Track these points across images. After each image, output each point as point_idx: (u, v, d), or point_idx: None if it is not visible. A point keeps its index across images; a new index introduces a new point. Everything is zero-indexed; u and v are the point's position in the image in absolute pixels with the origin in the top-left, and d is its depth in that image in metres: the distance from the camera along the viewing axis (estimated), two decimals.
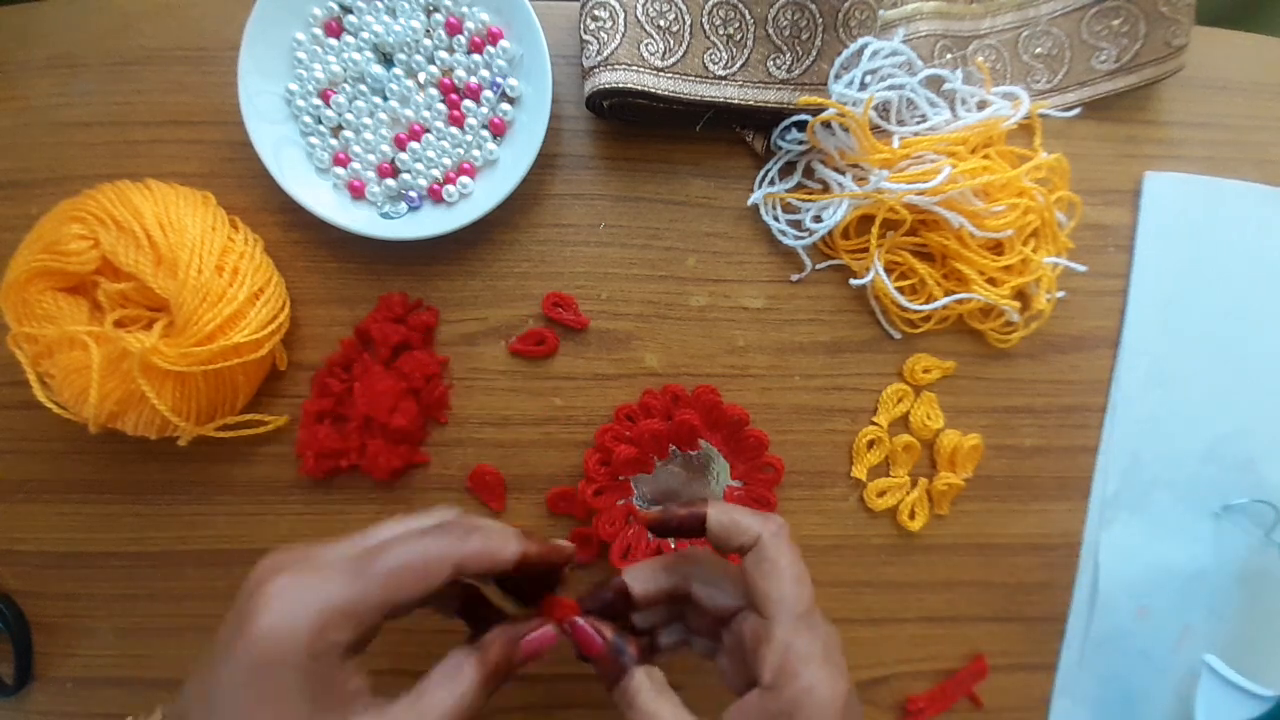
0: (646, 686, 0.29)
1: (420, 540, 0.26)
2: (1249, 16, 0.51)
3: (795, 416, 0.43)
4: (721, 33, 0.40)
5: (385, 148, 0.40)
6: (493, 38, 0.40)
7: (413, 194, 0.40)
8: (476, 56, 0.40)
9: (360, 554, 0.25)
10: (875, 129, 0.40)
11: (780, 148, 0.42)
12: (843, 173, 0.42)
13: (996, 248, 0.42)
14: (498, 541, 0.28)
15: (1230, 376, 0.45)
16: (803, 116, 0.40)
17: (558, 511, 0.42)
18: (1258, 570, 0.44)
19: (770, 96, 0.41)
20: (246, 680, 0.23)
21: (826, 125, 0.40)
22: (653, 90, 0.39)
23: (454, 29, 0.40)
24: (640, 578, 0.32)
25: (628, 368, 0.42)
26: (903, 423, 0.44)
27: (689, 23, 0.40)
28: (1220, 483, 0.44)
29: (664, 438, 0.40)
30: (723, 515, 0.30)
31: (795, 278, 0.43)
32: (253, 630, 0.23)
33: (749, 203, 0.42)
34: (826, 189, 0.42)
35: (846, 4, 0.39)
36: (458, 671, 0.26)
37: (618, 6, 0.39)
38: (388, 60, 0.40)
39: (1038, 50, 0.44)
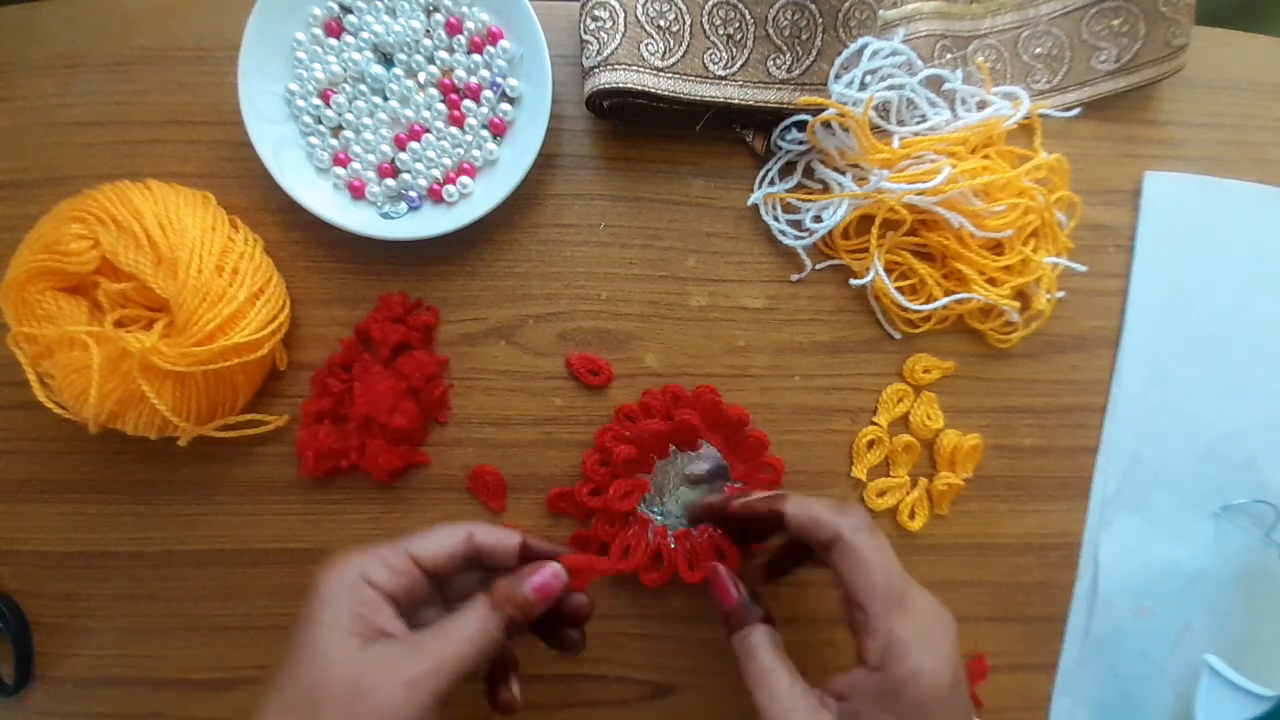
0: (767, 644, 0.32)
1: (443, 522, 0.33)
2: (1249, 16, 0.51)
3: (795, 416, 0.43)
4: (721, 33, 0.40)
5: (385, 148, 0.40)
6: (493, 38, 0.40)
7: (413, 194, 0.40)
8: (476, 56, 0.40)
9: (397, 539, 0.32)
10: (875, 129, 0.40)
11: (780, 148, 0.42)
12: (843, 173, 0.42)
13: (996, 248, 0.42)
14: (504, 530, 0.33)
15: (1230, 376, 0.45)
16: (803, 116, 0.40)
17: (557, 511, 0.42)
18: (1258, 570, 0.44)
19: (770, 96, 0.41)
20: (306, 615, 0.29)
21: (826, 125, 0.40)
22: (653, 90, 0.39)
23: (454, 29, 0.40)
24: (799, 507, 0.34)
25: (628, 368, 0.42)
26: (903, 423, 0.44)
27: (689, 23, 0.40)
28: (1220, 483, 0.44)
29: (664, 438, 0.40)
30: (800, 511, 0.33)
31: (795, 278, 0.43)
32: (310, 592, 0.29)
33: (749, 203, 0.42)
34: (826, 189, 0.42)
35: (846, 4, 0.39)
36: (470, 611, 0.30)
37: (618, 6, 0.39)
38: (388, 60, 0.40)
39: (1038, 50, 0.44)
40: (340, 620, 0.28)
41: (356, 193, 0.41)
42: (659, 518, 0.41)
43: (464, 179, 0.40)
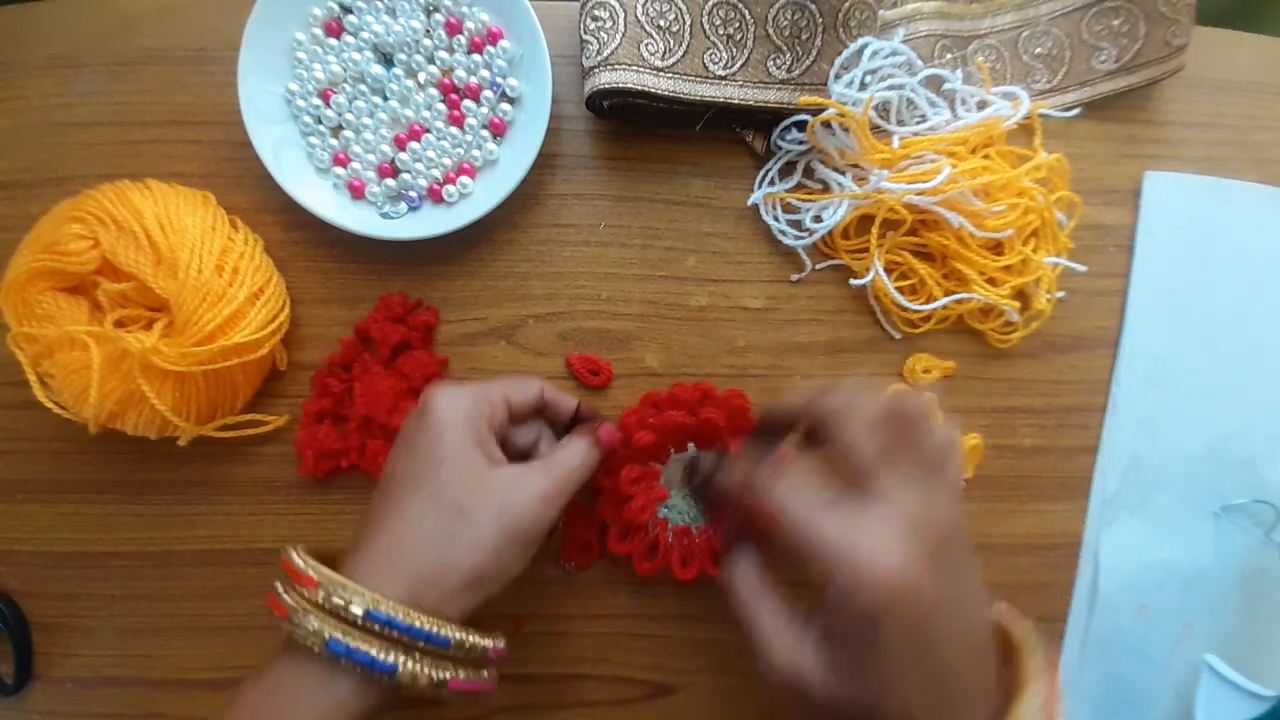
0: (753, 572, 0.31)
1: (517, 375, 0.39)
2: (1249, 16, 0.51)
3: None
4: (721, 33, 0.40)
5: (385, 148, 0.40)
6: (493, 38, 0.40)
7: (413, 194, 0.40)
8: (476, 56, 0.40)
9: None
10: (875, 129, 0.40)
11: (780, 148, 0.42)
12: (843, 173, 0.42)
13: (996, 248, 0.42)
14: (564, 395, 0.38)
15: (1230, 376, 0.45)
16: (803, 116, 0.40)
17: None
18: (1258, 570, 0.44)
19: (770, 96, 0.41)
20: (431, 432, 0.32)
21: (826, 125, 0.40)
22: (653, 90, 0.39)
23: (454, 29, 0.40)
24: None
25: (628, 368, 0.42)
26: None
27: (689, 23, 0.40)
28: (1220, 483, 0.44)
29: (686, 433, 0.40)
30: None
31: (795, 278, 0.43)
32: (430, 416, 0.32)
33: (749, 203, 0.42)
34: (826, 189, 0.42)
35: (846, 4, 0.39)
36: (577, 443, 0.35)
37: (618, 6, 0.39)
38: (388, 60, 0.40)
39: (1038, 50, 0.44)
40: (467, 441, 0.31)
41: (356, 193, 0.41)
42: (662, 510, 0.41)
43: (464, 179, 0.40)
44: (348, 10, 0.40)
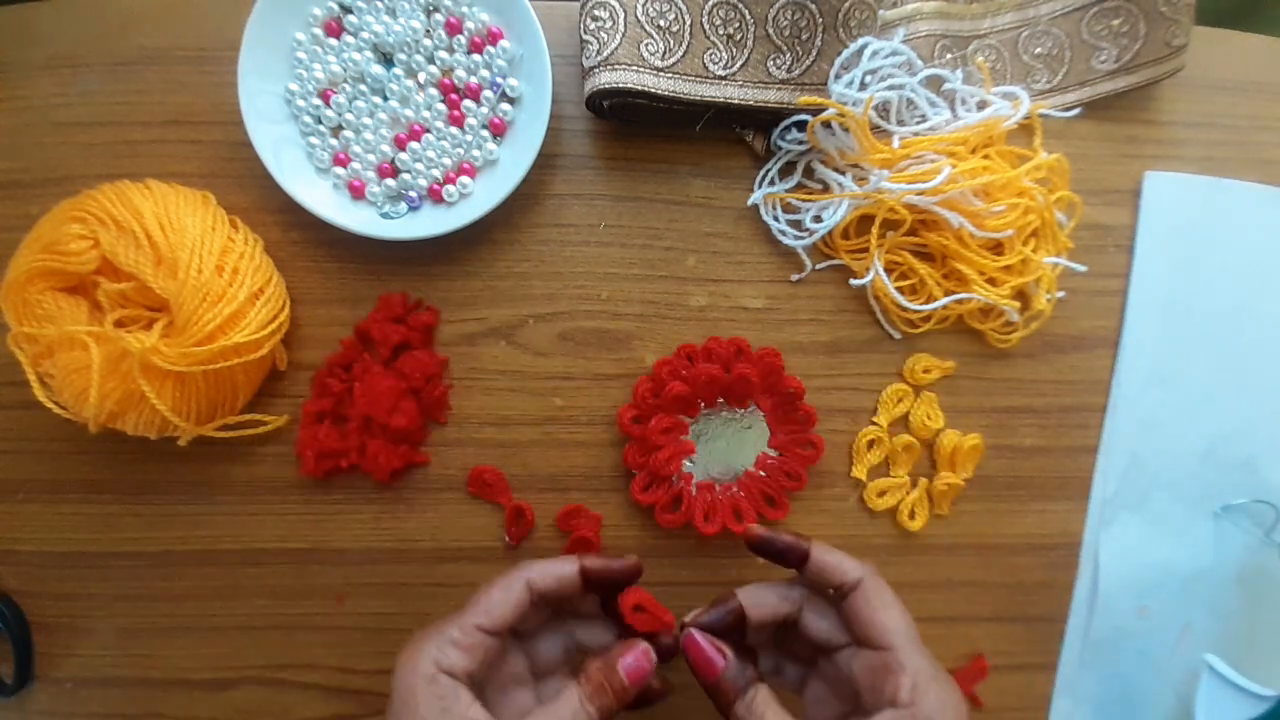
0: (774, 705, 0.30)
1: (498, 576, 0.32)
2: (1249, 16, 0.51)
3: None
4: (721, 33, 0.40)
5: (385, 148, 0.40)
6: (493, 38, 0.40)
7: (413, 194, 0.40)
8: (476, 56, 0.40)
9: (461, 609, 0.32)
10: (875, 129, 0.40)
11: (780, 148, 0.42)
12: (843, 173, 0.42)
13: (996, 248, 0.42)
14: (558, 561, 0.33)
15: (1230, 376, 0.45)
16: (803, 116, 0.40)
17: (564, 529, 0.42)
18: (1258, 570, 0.44)
19: (770, 96, 0.41)
20: (393, 709, 0.29)
21: (826, 125, 0.40)
22: (653, 90, 0.39)
23: (454, 29, 0.40)
24: (756, 599, 0.34)
25: (628, 368, 0.42)
26: (903, 423, 0.44)
27: (689, 23, 0.40)
28: (1220, 483, 0.44)
29: (717, 387, 0.40)
30: (826, 554, 0.33)
31: (795, 278, 0.43)
32: (393, 680, 0.30)
33: (749, 203, 0.42)
34: (826, 189, 0.42)
35: (846, 4, 0.39)
36: (559, 696, 0.30)
37: (618, 6, 0.39)
38: (388, 60, 0.40)
39: (1038, 50, 0.44)
40: (430, 708, 0.29)
41: (356, 193, 0.41)
42: (687, 464, 0.41)
43: (464, 179, 0.40)
44: (348, 10, 0.40)
